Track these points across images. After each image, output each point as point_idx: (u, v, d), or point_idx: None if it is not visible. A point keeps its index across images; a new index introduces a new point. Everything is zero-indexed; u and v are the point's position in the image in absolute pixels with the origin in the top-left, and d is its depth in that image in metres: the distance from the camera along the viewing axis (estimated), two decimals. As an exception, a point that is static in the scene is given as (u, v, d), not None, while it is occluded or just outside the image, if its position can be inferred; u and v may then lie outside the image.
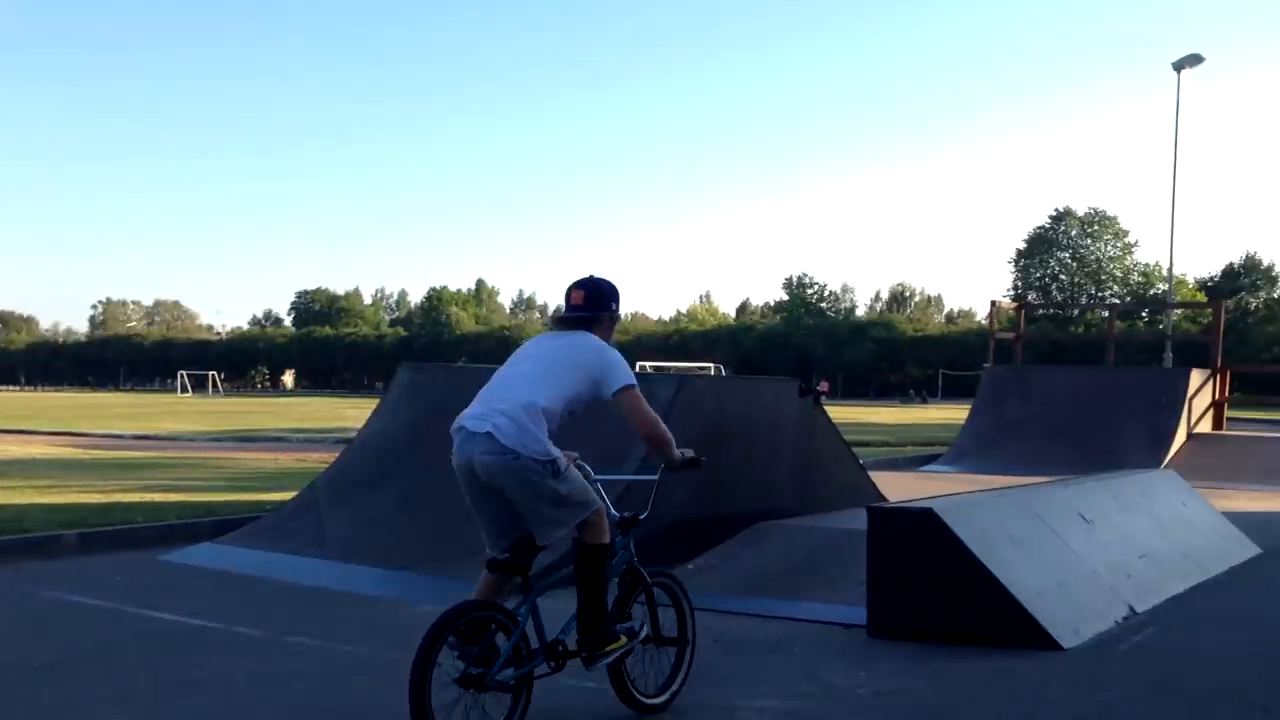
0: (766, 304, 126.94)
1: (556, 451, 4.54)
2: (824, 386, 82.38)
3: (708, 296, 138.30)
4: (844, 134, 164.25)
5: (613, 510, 4.87)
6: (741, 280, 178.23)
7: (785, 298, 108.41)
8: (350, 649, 6.06)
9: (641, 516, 4.94)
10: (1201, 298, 78.43)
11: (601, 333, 4.84)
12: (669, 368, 65.06)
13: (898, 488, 12.16)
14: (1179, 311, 68.13)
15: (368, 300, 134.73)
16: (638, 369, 67.82)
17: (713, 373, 70.90)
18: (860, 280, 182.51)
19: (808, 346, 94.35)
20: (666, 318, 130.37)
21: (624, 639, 4.70)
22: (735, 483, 8.86)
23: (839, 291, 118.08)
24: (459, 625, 4.26)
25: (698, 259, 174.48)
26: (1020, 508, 7.29)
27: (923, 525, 6.35)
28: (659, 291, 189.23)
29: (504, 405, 4.51)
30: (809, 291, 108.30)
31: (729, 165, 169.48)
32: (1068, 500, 7.93)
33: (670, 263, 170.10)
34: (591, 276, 4.94)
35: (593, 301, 4.85)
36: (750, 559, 7.99)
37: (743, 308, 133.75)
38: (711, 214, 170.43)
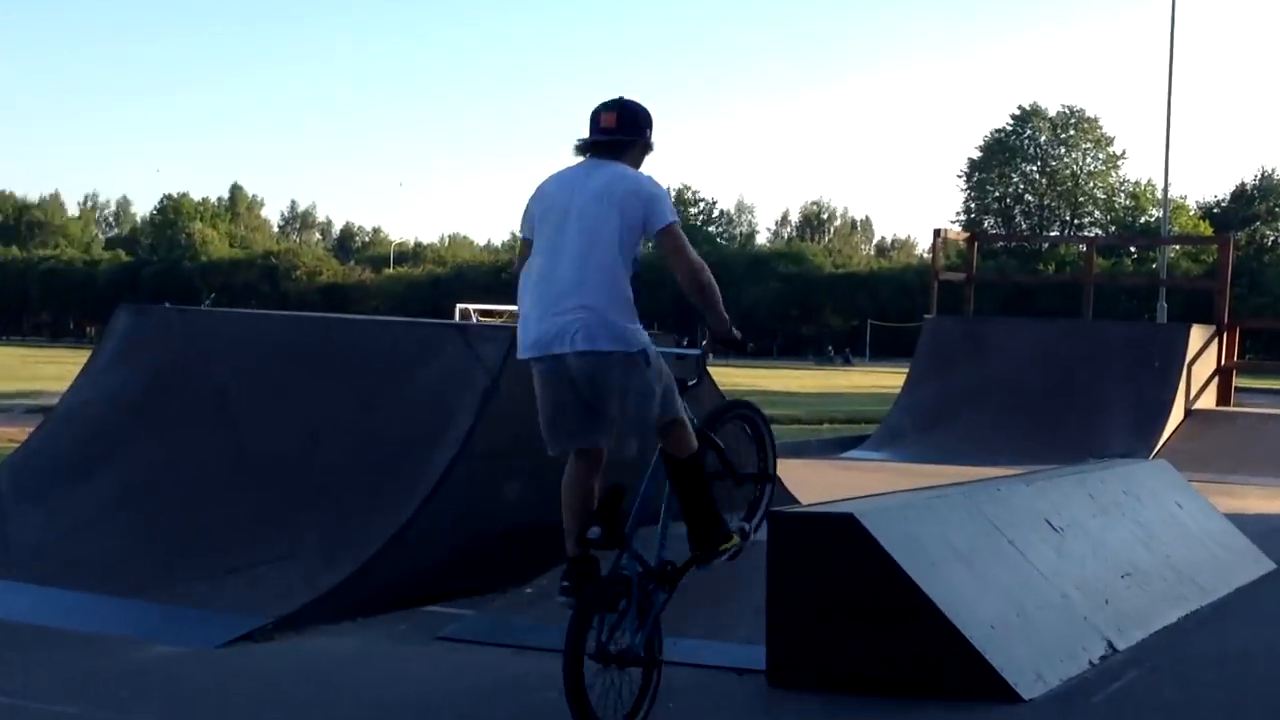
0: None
1: (646, 338, 5.52)
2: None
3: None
4: (743, 8, 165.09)
5: None
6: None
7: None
8: (50, 709, 5.93)
9: (691, 383, 5.94)
10: (1206, 229, 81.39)
11: (632, 160, 5.72)
12: (500, 314, 64.34)
13: (810, 482, 12.33)
14: (1177, 248, 70.59)
15: (73, 211, 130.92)
16: (457, 313, 66.76)
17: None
18: (762, 197, 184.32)
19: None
20: (498, 243, 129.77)
21: (736, 538, 5.92)
22: (591, 475, 8.90)
23: (733, 212, 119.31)
24: (593, 613, 5.38)
25: (539, 164, 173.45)
26: (970, 512, 7.46)
27: (841, 536, 6.45)
28: (488, 207, 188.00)
29: (579, 300, 5.41)
30: (692, 211, 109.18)
31: (585, 43, 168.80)
32: (1031, 501, 8.16)
33: (503, 168, 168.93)
34: (621, 98, 5.75)
35: (626, 125, 5.70)
36: (611, 579, 8.01)
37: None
38: (561, 104, 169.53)
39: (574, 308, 5.39)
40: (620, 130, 5.65)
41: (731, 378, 38.61)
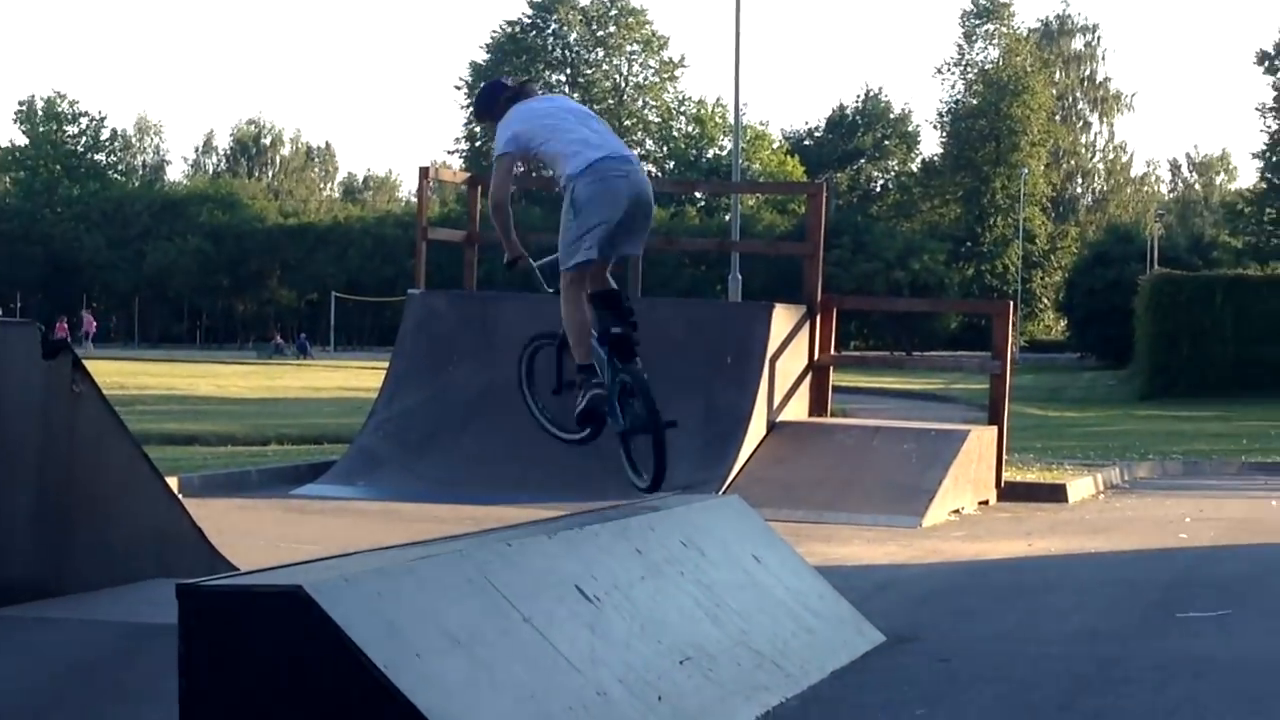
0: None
1: None
2: (90, 325, 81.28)
3: None
4: None
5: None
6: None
7: (24, 141, 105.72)
8: None
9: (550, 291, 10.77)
10: (794, 167, 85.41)
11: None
12: None
13: (248, 533, 12.19)
14: (756, 196, 73.56)
15: None
16: None
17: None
18: (174, 114, 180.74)
19: (70, 242, 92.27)
20: None
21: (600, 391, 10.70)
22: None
23: (132, 133, 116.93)
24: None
25: None
26: (469, 578, 7.48)
27: (284, 617, 6.34)
28: None
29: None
30: (70, 131, 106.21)
31: None
32: (556, 560, 8.25)
33: None
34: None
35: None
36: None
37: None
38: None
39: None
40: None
41: (136, 377, 37.97)
